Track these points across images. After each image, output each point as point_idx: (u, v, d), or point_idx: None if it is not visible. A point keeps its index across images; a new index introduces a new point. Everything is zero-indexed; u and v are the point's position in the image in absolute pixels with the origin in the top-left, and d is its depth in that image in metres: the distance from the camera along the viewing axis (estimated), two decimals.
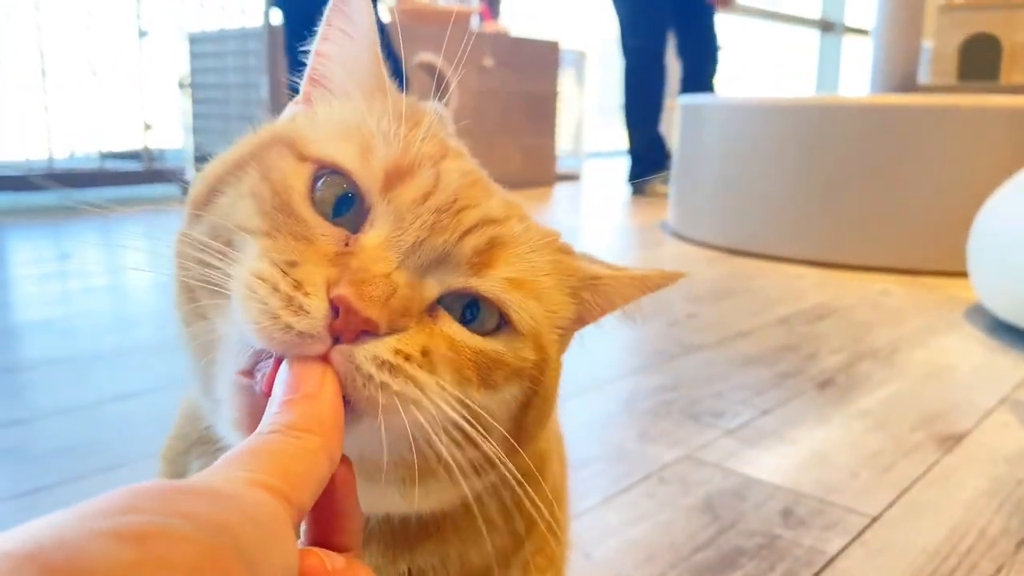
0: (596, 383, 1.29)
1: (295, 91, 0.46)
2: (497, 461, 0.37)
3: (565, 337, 0.45)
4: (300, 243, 0.35)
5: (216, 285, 0.36)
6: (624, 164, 4.50)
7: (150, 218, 0.42)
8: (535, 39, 4.55)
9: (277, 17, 3.55)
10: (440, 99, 0.46)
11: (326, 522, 0.30)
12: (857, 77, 7.01)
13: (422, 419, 0.34)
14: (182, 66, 3.61)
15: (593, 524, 0.86)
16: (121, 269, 1.95)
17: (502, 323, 0.39)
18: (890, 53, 2.65)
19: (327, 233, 0.36)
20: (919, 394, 1.28)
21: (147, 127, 3.38)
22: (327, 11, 0.43)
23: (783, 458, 1.03)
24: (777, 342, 1.54)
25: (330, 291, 0.33)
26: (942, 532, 0.86)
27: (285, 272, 0.34)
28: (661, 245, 2.65)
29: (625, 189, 4.19)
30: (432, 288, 0.36)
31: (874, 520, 0.88)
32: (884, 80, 2.65)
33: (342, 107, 0.42)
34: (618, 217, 3.42)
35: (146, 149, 3.36)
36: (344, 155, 0.38)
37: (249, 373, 0.34)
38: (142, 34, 3.39)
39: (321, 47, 0.44)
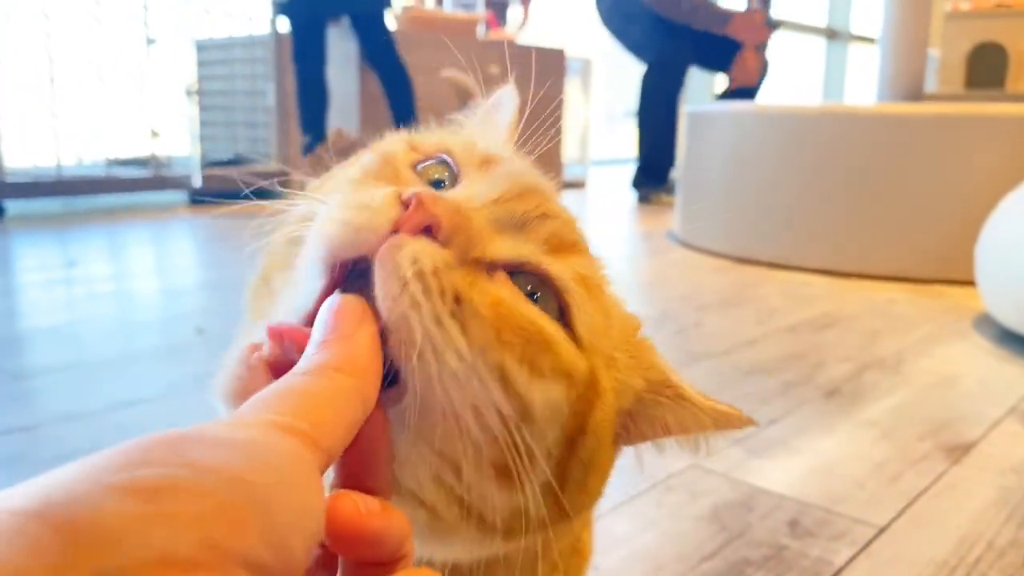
0: None
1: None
2: (534, 514, 0.33)
3: (616, 441, 0.40)
4: (388, 182, 0.36)
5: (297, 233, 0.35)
6: (631, 171, 4.50)
7: (157, 225, 0.42)
8: (541, 47, 4.56)
9: (284, 25, 3.57)
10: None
11: (357, 466, 0.29)
12: (863, 85, 7.00)
13: (449, 385, 0.31)
14: (189, 73, 3.63)
15: (601, 533, 0.86)
16: (127, 276, 1.95)
17: (560, 320, 0.35)
18: (896, 61, 2.64)
19: (415, 181, 0.37)
20: (926, 403, 1.27)
21: (154, 134, 3.39)
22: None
23: (790, 468, 1.03)
24: (783, 351, 1.53)
25: (403, 196, 0.32)
26: (950, 543, 0.85)
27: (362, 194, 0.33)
28: (667, 253, 2.64)
29: (631, 196, 4.19)
30: (503, 247, 0.34)
31: (881, 531, 0.88)
32: (890, 88, 2.65)
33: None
34: (624, 225, 3.42)
35: (153, 156, 3.37)
36: (448, 143, 0.40)
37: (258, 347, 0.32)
38: (150, 42, 3.41)
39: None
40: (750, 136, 2.54)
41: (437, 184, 0.38)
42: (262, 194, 0.43)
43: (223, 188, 3.46)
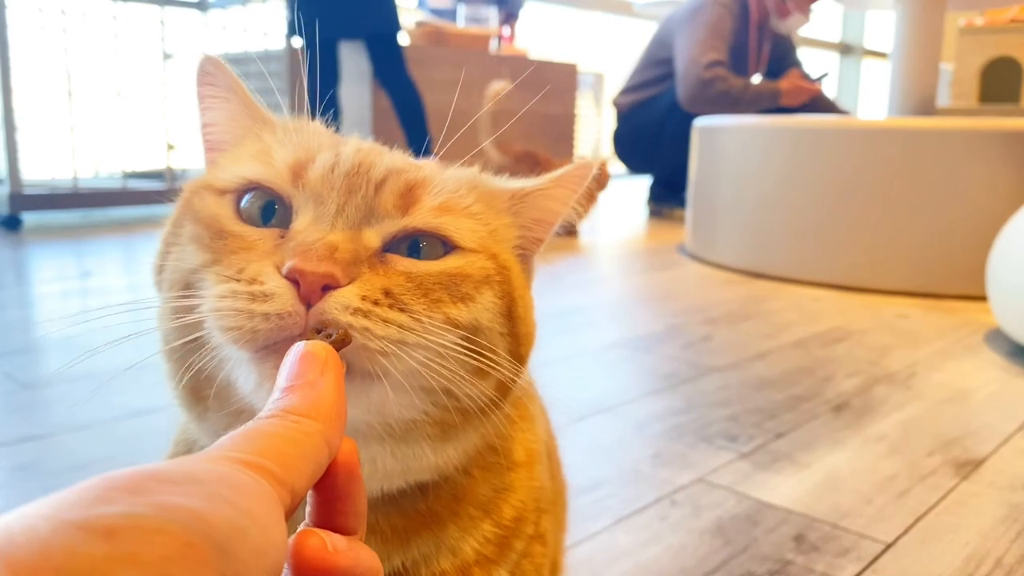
0: (609, 405, 1.29)
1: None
2: (508, 373, 0.41)
3: (525, 260, 0.47)
4: (243, 254, 0.38)
5: (192, 330, 0.38)
6: (643, 185, 4.50)
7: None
8: (553, 61, 4.58)
9: (297, 42, 3.60)
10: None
11: (329, 505, 0.30)
12: (876, 100, 6.99)
13: (421, 358, 0.37)
14: None
15: (604, 546, 0.86)
16: (141, 287, 1.97)
17: (448, 248, 0.41)
18: (908, 76, 2.64)
19: (262, 236, 0.39)
20: (936, 419, 1.27)
21: (170, 147, 3.43)
22: (197, 87, 0.48)
23: (796, 482, 1.03)
24: (792, 365, 1.53)
25: (282, 271, 0.36)
26: (958, 560, 0.85)
27: (238, 278, 0.37)
28: (678, 267, 2.64)
29: (643, 210, 4.19)
30: (371, 238, 0.39)
31: (888, 547, 0.87)
32: (902, 103, 2.64)
33: (239, 148, 0.46)
34: (635, 238, 3.42)
35: (169, 169, 3.41)
36: (250, 170, 0.42)
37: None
38: (166, 56, 3.45)
39: (204, 119, 0.48)
40: (762, 150, 2.54)
41: (266, 215, 0.41)
42: None
43: None
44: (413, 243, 0.41)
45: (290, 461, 0.27)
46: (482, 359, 0.39)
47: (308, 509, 0.31)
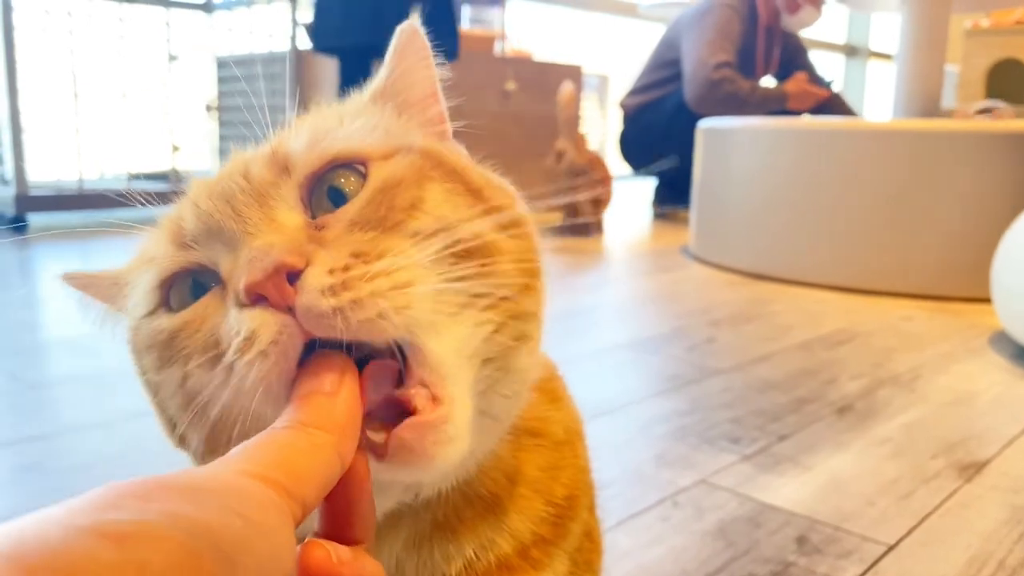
0: (613, 407, 1.29)
1: None
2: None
3: (444, 141, 0.45)
4: (204, 329, 0.35)
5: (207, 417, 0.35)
6: (648, 187, 4.51)
7: None
8: (558, 63, 4.58)
9: (304, 42, 3.61)
10: None
11: (338, 515, 0.30)
12: (882, 102, 6.98)
13: (432, 285, 0.33)
14: (210, 89, 3.68)
15: (607, 547, 0.86)
16: None
17: (358, 173, 0.38)
18: (913, 77, 2.64)
19: (206, 304, 0.36)
20: (940, 421, 1.27)
21: (175, 149, 3.44)
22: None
23: (799, 484, 1.03)
24: (796, 367, 1.53)
25: (240, 299, 0.33)
26: (960, 562, 0.85)
27: (215, 350, 0.34)
28: (682, 268, 2.64)
29: (647, 211, 4.19)
30: (285, 214, 0.36)
31: (891, 549, 0.87)
32: (907, 105, 2.64)
33: (129, 283, 0.44)
34: (639, 240, 3.42)
35: (174, 170, 3.42)
36: (149, 279, 0.40)
37: None
38: (172, 58, 3.46)
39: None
40: (766, 152, 2.54)
41: (196, 291, 0.37)
42: None
43: None
44: (331, 192, 0.37)
45: (301, 473, 0.27)
46: (476, 242, 0.36)
47: (317, 519, 0.31)
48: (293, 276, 0.32)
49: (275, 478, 0.26)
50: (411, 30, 0.44)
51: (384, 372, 0.33)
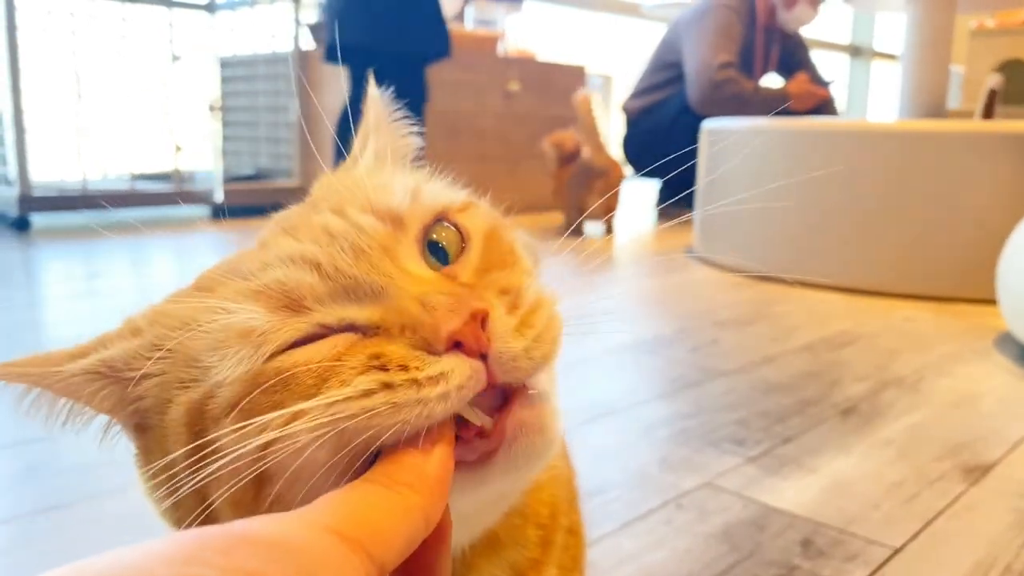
0: (616, 408, 1.28)
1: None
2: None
3: None
4: (342, 363, 0.33)
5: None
6: (652, 189, 4.50)
7: (179, 238, 0.42)
8: (561, 63, 4.58)
9: (307, 42, 3.61)
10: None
11: (415, 571, 0.29)
12: (887, 102, 6.96)
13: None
14: (213, 90, 3.68)
15: (610, 550, 0.85)
16: (149, 288, 1.97)
17: (449, 226, 0.39)
18: (918, 78, 2.63)
19: (335, 343, 0.34)
20: (944, 423, 1.26)
21: (178, 149, 3.44)
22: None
23: (804, 487, 1.02)
24: (800, 369, 1.52)
25: (436, 346, 0.32)
26: (965, 566, 0.84)
27: (381, 366, 0.32)
28: (686, 270, 2.63)
29: (652, 212, 4.18)
30: (415, 265, 0.36)
31: (896, 552, 0.86)
32: (912, 105, 2.63)
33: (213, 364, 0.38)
34: (643, 241, 3.41)
35: (177, 171, 3.42)
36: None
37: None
38: (174, 59, 3.46)
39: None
40: (770, 152, 2.53)
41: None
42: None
43: (245, 203, 3.49)
44: (430, 245, 0.38)
45: (385, 535, 0.26)
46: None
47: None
48: (483, 319, 0.33)
49: (358, 538, 0.25)
50: (379, 102, 0.46)
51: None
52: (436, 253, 0.38)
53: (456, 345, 0.32)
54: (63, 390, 0.37)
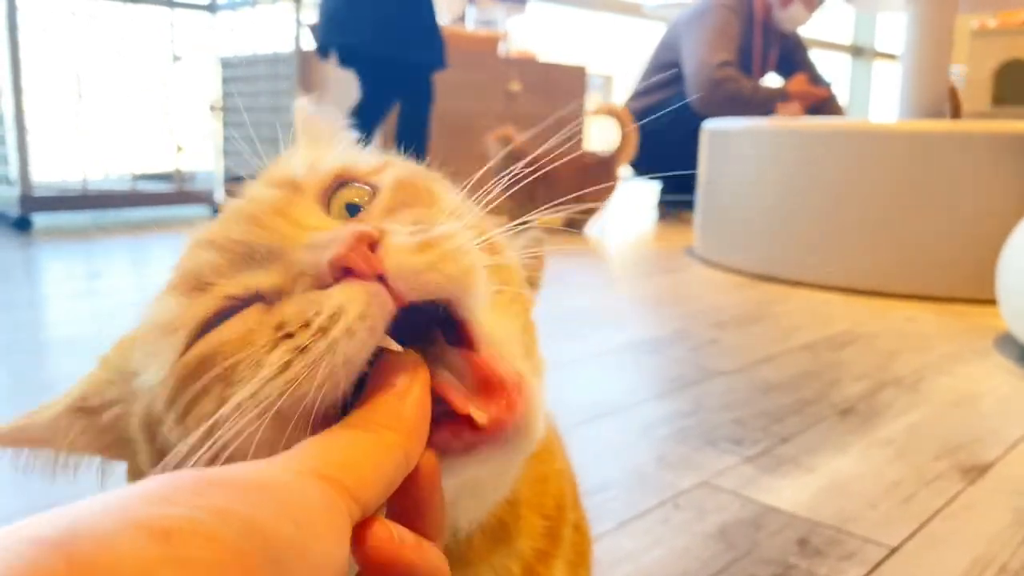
0: (614, 408, 1.29)
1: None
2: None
3: None
4: (249, 335, 0.32)
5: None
6: (652, 189, 4.50)
7: (180, 239, 0.42)
8: (562, 63, 4.58)
9: (308, 42, 3.61)
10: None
11: (406, 517, 0.29)
12: (888, 102, 6.96)
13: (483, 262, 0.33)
14: (214, 89, 3.68)
15: (607, 549, 0.86)
16: (150, 288, 1.98)
17: (366, 188, 0.39)
18: (919, 78, 2.63)
19: (245, 316, 0.33)
20: (943, 423, 1.26)
21: (179, 149, 3.45)
22: None
23: (801, 486, 1.02)
24: (800, 368, 1.52)
25: (322, 278, 0.31)
26: (963, 565, 0.84)
27: (282, 330, 0.31)
28: (686, 270, 2.64)
29: (652, 213, 4.18)
30: (316, 218, 0.36)
31: (893, 551, 0.87)
32: (912, 106, 2.63)
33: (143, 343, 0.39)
34: (644, 241, 3.41)
35: (178, 171, 3.42)
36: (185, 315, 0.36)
37: None
38: (175, 59, 3.47)
39: None
40: (771, 152, 2.54)
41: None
42: None
43: None
44: (348, 208, 0.38)
45: (365, 474, 0.26)
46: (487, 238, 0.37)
47: (387, 516, 0.29)
48: (373, 243, 0.31)
49: (338, 478, 0.25)
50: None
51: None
52: (352, 210, 0.37)
53: (343, 271, 0.30)
54: (43, 442, 0.39)
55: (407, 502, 0.29)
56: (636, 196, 4.86)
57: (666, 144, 3.79)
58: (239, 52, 3.78)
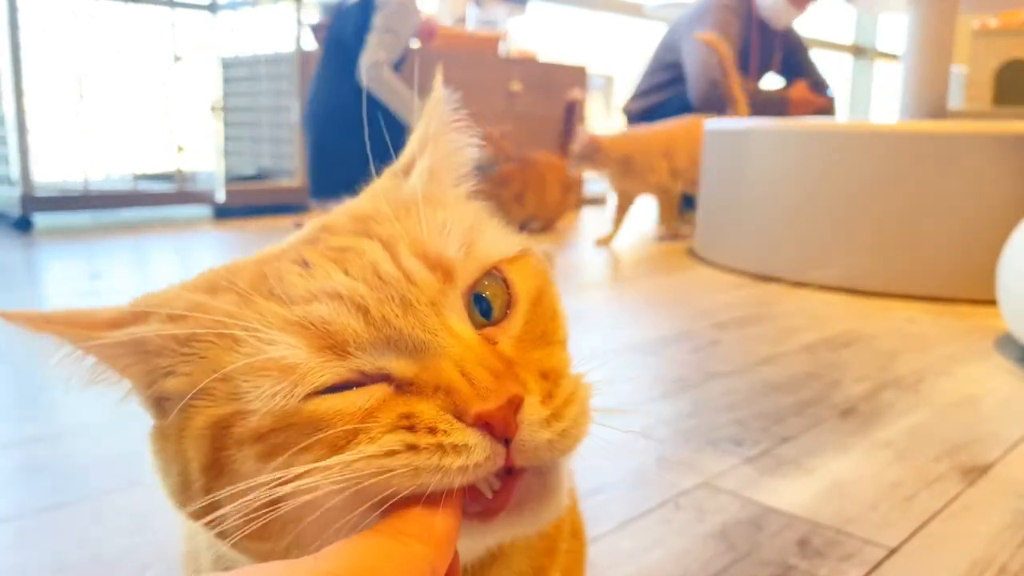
0: (615, 408, 1.28)
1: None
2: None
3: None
4: (368, 421, 0.33)
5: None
6: None
7: (181, 238, 0.41)
8: (563, 63, 4.58)
9: (309, 43, 3.61)
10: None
11: None
12: (888, 103, 6.96)
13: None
14: (215, 90, 3.68)
15: (608, 550, 0.86)
16: (151, 288, 1.98)
17: (495, 277, 0.39)
18: (920, 78, 2.63)
19: (368, 396, 0.34)
20: (944, 424, 1.26)
21: (180, 149, 3.45)
22: None
23: (801, 487, 1.02)
24: (800, 369, 1.52)
25: (465, 419, 0.32)
26: (962, 566, 0.84)
27: (409, 426, 0.32)
28: (687, 270, 2.64)
29: (652, 213, 4.18)
30: (458, 323, 0.36)
31: (892, 552, 0.87)
32: (913, 106, 2.63)
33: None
34: (644, 242, 3.41)
35: (178, 171, 3.43)
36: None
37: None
38: (176, 59, 3.47)
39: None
40: (772, 153, 2.54)
41: None
42: (284, 209, 0.44)
43: (247, 203, 3.50)
44: (475, 297, 0.38)
45: None
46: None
47: None
48: (517, 405, 0.33)
49: None
50: (438, 99, 0.45)
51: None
52: (480, 303, 0.38)
53: (484, 424, 0.32)
54: (97, 353, 0.38)
55: None
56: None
57: None
58: (240, 52, 3.79)
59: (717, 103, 3.50)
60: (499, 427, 0.32)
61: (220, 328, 0.36)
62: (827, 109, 3.77)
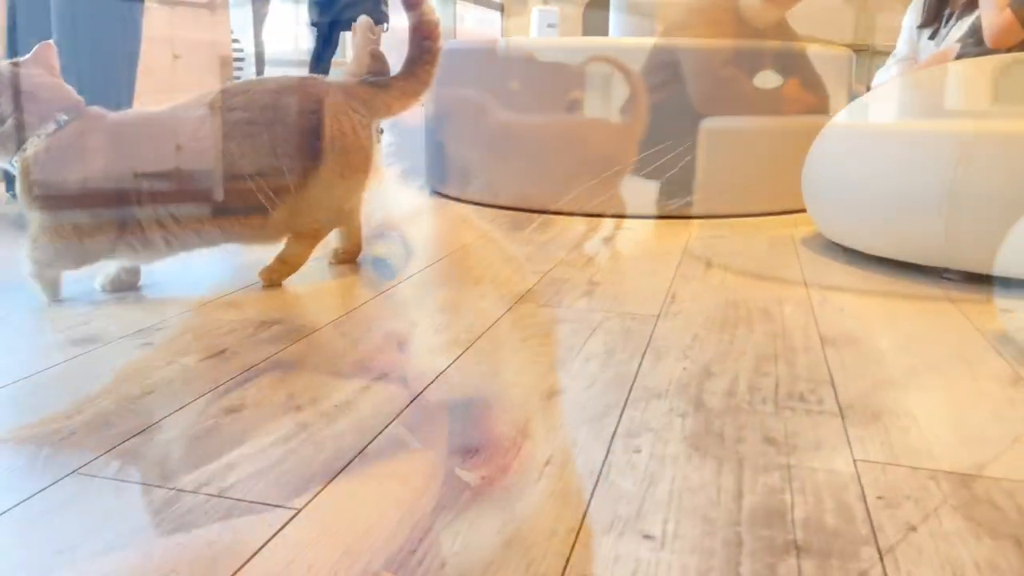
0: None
1: None
2: None
3: None
4: None
5: None
6: (652, 188, 4.49)
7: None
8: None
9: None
10: None
11: None
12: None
13: None
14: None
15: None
16: (151, 287, 1.98)
17: None
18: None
19: None
20: (940, 424, 1.26)
21: (178, 148, 3.44)
22: None
23: (798, 488, 1.02)
24: (798, 369, 1.52)
25: None
26: (958, 569, 0.84)
27: None
28: (685, 266, 2.63)
29: (651, 213, 4.18)
30: None
31: (888, 552, 0.87)
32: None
33: None
34: (645, 240, 3.41)
35: (177, 169, 3.42)
36: None
37: None
38: (175, 57, 3.47)
39: None
40: (770, 152, 2.54)
41: None
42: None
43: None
44: None
45: None
46: None
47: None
48: None
49: None
50: None
51: None
52: None
53: None
54: None
55: None
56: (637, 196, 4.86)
57: (666, 144, 3.80)
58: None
59: (715, 103, 3.51)
60: None
61: None
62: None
